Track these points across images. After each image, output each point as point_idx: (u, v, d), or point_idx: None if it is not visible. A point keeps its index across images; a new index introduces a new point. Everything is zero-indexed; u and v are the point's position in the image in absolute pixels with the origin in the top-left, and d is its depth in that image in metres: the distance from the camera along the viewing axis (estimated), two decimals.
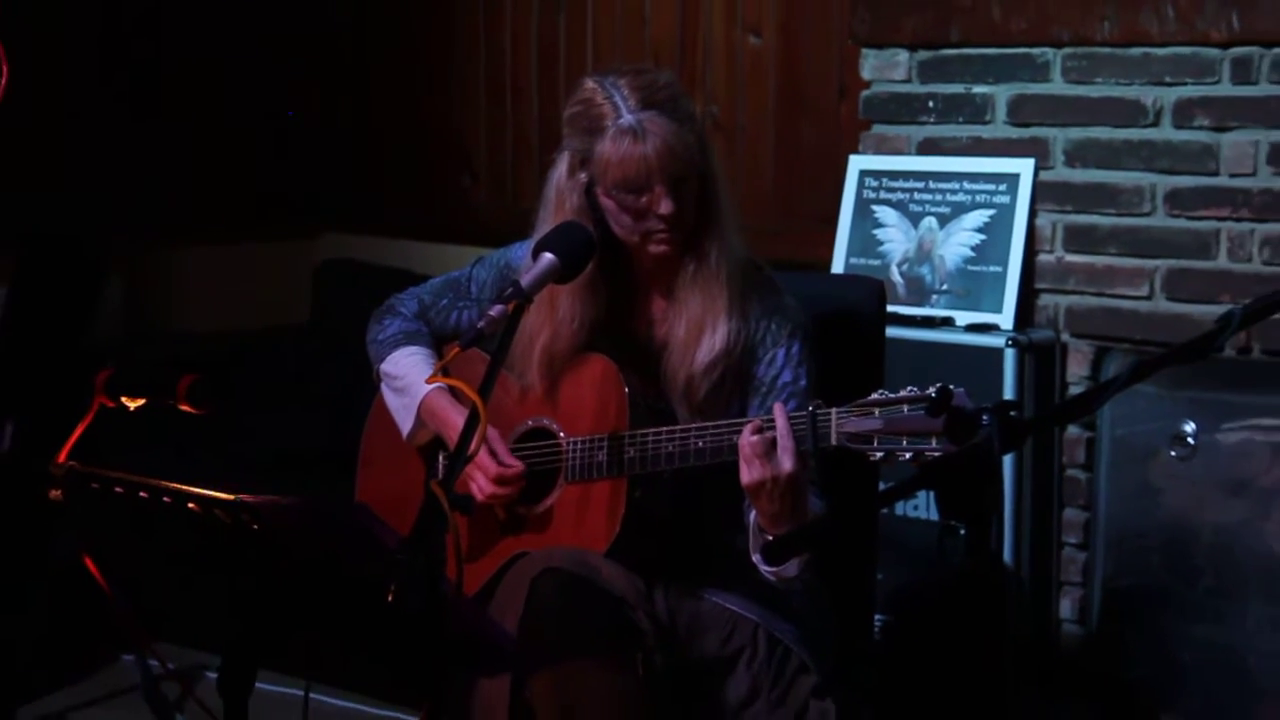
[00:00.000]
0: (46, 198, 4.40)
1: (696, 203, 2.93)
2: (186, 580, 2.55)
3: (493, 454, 2.94)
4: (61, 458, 3.13)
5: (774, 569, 2.80)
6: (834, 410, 2.67)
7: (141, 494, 2.35)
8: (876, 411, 2.64)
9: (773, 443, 2.67)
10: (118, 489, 2.39)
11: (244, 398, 4.08)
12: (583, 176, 2.93)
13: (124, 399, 3.24)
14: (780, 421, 2.68)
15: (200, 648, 4.13)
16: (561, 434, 2.99)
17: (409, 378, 3.09)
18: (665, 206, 2.86)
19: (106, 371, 3.23)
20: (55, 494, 2.44)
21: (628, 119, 2.84)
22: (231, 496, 2.30)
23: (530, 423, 3.02)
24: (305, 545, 2.36)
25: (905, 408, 2.61)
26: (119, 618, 3.70)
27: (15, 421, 3.67)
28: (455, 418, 2.96)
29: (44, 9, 3.39)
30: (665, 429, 2.88)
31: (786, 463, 2.67)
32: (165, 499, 2.34)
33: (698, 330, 2.96)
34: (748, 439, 2.71)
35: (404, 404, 3.11)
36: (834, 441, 2.66)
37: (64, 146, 4.68)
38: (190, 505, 2.33)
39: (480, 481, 2.96)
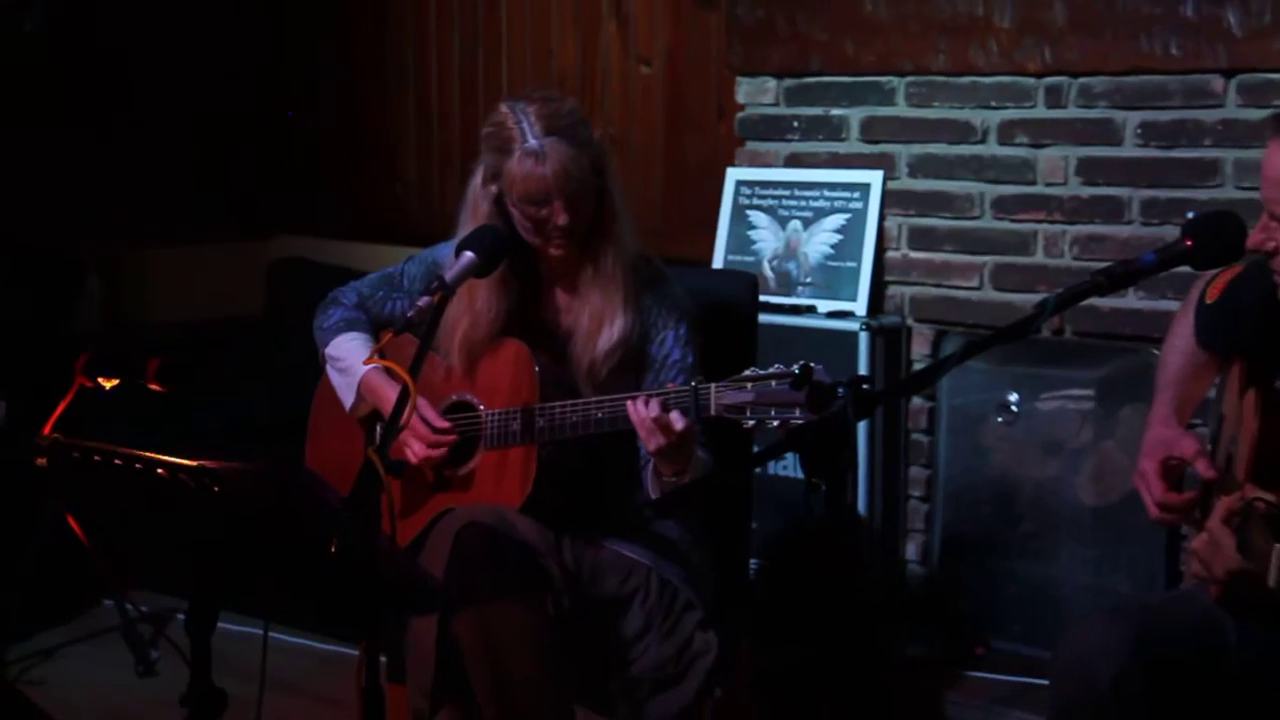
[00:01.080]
0: (32, 207, 4.35)
1: (594, 213, 2.95)
2: (157, 535, 2.53)
3: (425, 421, 2.94)
4: (46, 430, 3.12)
5: (673, 479, 2.81)
6: (713, 385, 2.68)
7: (116, 461, 2.34)
8: (749, 386, 2.66)
9: (664, 411, 2.70)
10: (96, 457, 2.37)
11: (206, 379, 4.05)
12: (494, 188, 2.94)
13: (100, 379, 3.23)
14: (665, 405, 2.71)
15: (170, 593, 4.11)
16: (481, 407, 2.98)
17: (349, 359, 3.09)
18: (562, 219, 2.89)
19: (85, 356, 3.22)
20: (41, 462, 2.42)
21: (532, 143, 2.86)
22: (195, 463, 2.29)
23: (454, 397, 3.03)
24: (260, 504, 2.35)
25: (774, 382, 2.63)
26: (98, 568, 3.70)
27: (7, 401, 3.65)
28: (390, 393, 2.96)
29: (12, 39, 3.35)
30: (570, 402, 2.88)
31: (678, 424, 2.69)
32: (137, 465, 2.33)
33: (598, 321, 2.97)
34: (641, 413, 2.73)
35: (346, 382, 3.11)
36: (713, 411, 2.68)
37: (46, 162, 4.62)
38: (159, 471, 2.32)
39: (415, 446, 2.97)
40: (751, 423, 2.66)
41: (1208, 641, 2.55)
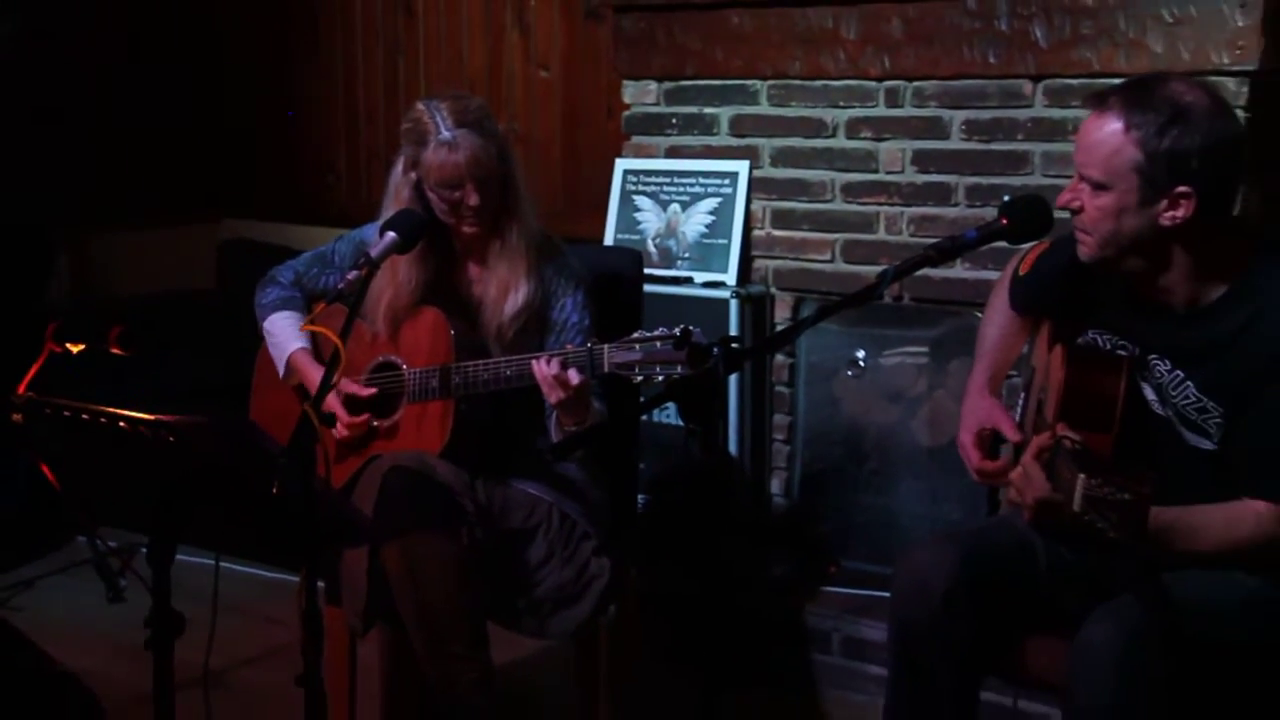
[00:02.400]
0: (6, 194, 4.27)
1: (500, 195, 2.93)
2: (121, 480, 2.51)
3: (346, 402, 2.95)
4: (21, 389, 3.07)
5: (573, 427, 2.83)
6: (606, 346, 2.70)
7: (84, 416, 2.33)
8: (637, 346, 2.67)
9: (564, 369, 2.70)
10: (66, 413, 2.34)
11: (163, 345, 4.02)
12: (413, 175, 2.93)
13: (68, 345, 3.19)
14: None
15: (134, 530, 4.01)
16: (404, 366, 2.98)
17: (280, 337, 3.09)
18: (473, 200, 2.88)
19: (54, 324, 3.17)
20: (17, 418, 2.40)
21: (446, 135, 2.85)
22: (153, 417, 2.29)
23: (381, 358, 3.03)
24: (210, 453, 2.34)
25: (658, 343, 2.64)
26: (70, 509, 3.65)
27: None
28: (313, 373, 2.98)
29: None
30: (482, 361, 2.89)
31: (575, 379, 2.70)
32: (102, 420, 2.32)
33: (504, 290, 2.97)
34: (544, 371, 2.73)
35: (278, 355, 3.10)
36: (606, 369, 2.69)
37: (18, 153, 4.53)
38: (121, 424, 2.31)
39: (339, 426, 2.97)
40: (640, 378, 2.67)
41: (1021, 558, 2.61)
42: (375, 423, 2.99)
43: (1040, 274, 2.73)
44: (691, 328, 2.56)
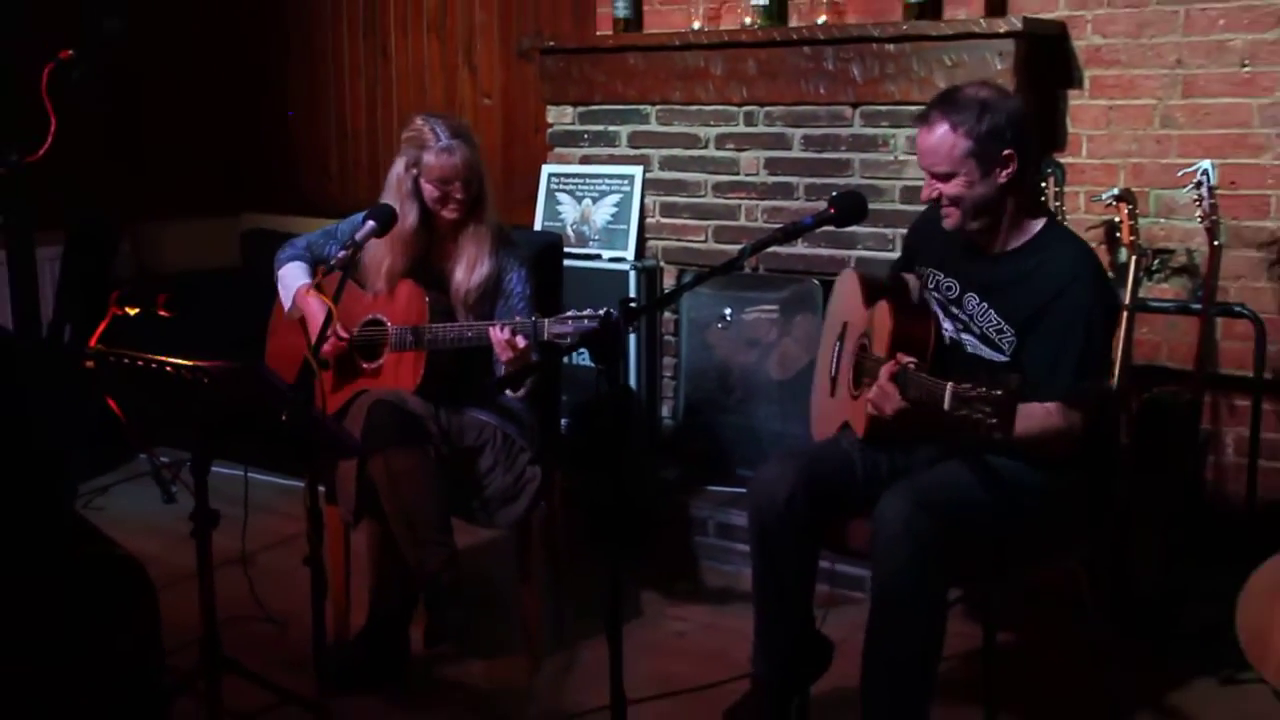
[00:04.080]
0: (84, 192, 4.19)
1: (476, 192, 2.95)
2: (169, 411, 2.52)
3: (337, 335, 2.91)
4: (92, 343, 3.05)
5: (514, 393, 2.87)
6: (546, 320, 2.70)
7: (139, 363, 2.36)
8: (569, 322, 2.68)
9: (513, 335, 2.72)
10: (125, 360, 2.38)
11: (198, 309, 3.99)
12: (414, 172, 2.92)
13: (127, 309, 3.17)
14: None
15: (180, 448, 4.03)
16: (388, 323, 2.95)
17: (290, 279, 3.07)
18: (459, 194, 2.91)
19: (116, 293, 3.16)
20: (90, 364, 2.40)
21: (445, 142, 2.87)
22: (191, 363, 2.33)
23: (371, 315, 3.00)
24: (235, 390, 2.38)
25: (585, 320, 2.65)
26: (132, 434, 3.63)
27: (71, 324, 3.55)
28: (314, 308, 2.92)
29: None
30: (450, 324, 2.88)
31: (521, 343, 2.72)
32: (154, 365, 2.35)
33: (471, 266, 2.96)
34: (498, 336, 2.74)
35: (286, 294, 3.06)
36: (545, 336, 2.71)
37: (91, 159, 4.43)
38: (168, 369, 2.34)
39: (328, 345, 2.92)
40: (568, 341, 2.67)
41: (842, 467, 2.61)
42: (364, 365, 2.97)
43: (908, 243, 2.80)
44: (612, 311, 2.52)
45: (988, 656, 2.53)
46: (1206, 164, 3.07)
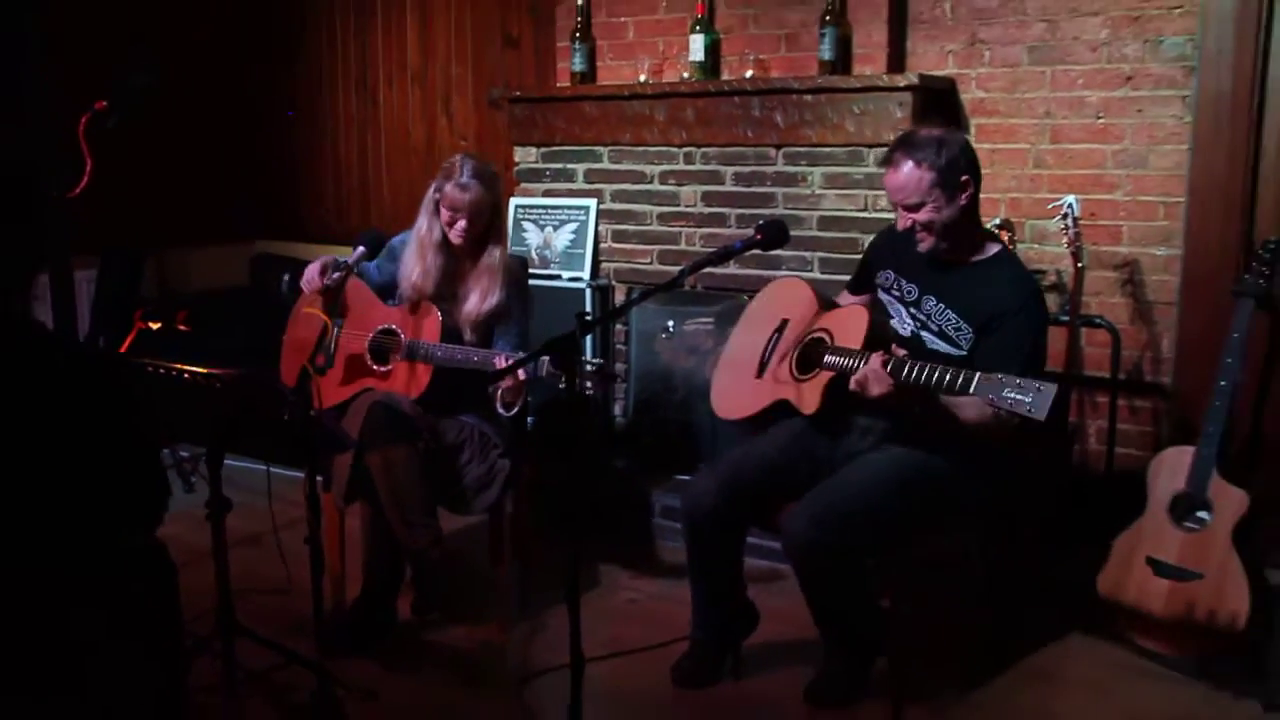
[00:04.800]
0: (114, 223, 4.18)
1: (488, 224, 2.92)
2: (188, 411, 2.54)
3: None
4: (121, 352, 3.04)
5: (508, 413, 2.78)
6: (546, 359, 2.56)
7: (161, 370, 2.37)
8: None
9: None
10: (149, 367, 2.39)
11: (212, 324, 4.00)
12: (437, 196, 2.91)
13: (150, 324, 3.17)
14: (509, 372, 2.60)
15: (197, 444, 4.01)
16: (401, 335, 2.92)
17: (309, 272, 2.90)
18: (461, 224, 2.89)
19: (141, 309, 3.15)
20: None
21: (463, 179, 2.87)
22: (205, 370, 2.34)
23: (383, 325, 2.96)
24: (244, 393, 2.39)
25: (588, 365, 2.49)
26: (156, 431, 3.61)
27: (104, 336, 3.55)
28: (314, 322, 2.79)
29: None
30: (456, 347, 2.83)
31: (521, 377, 2.65)
32: (174, 372, 2.36)
33: (484, 295, 2.92)
34: (501, 364, 2.69)
35: (303, 279, 2.91)
36: (542, 374, 2.63)
37: (121, 195, 4.42)
38: (186, 375, 2.35)
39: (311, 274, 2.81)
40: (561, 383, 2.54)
41: (762, 468, 2.61)
42: (375, 367, 2.92)
43: (867, 257, 2.78)
44: (605, 366, 2.54)
45: (893, 617, 2.58)
46: (1071, 199, 3.16)
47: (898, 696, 2.47)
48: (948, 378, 2.25)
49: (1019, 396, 2.12)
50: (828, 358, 2.54)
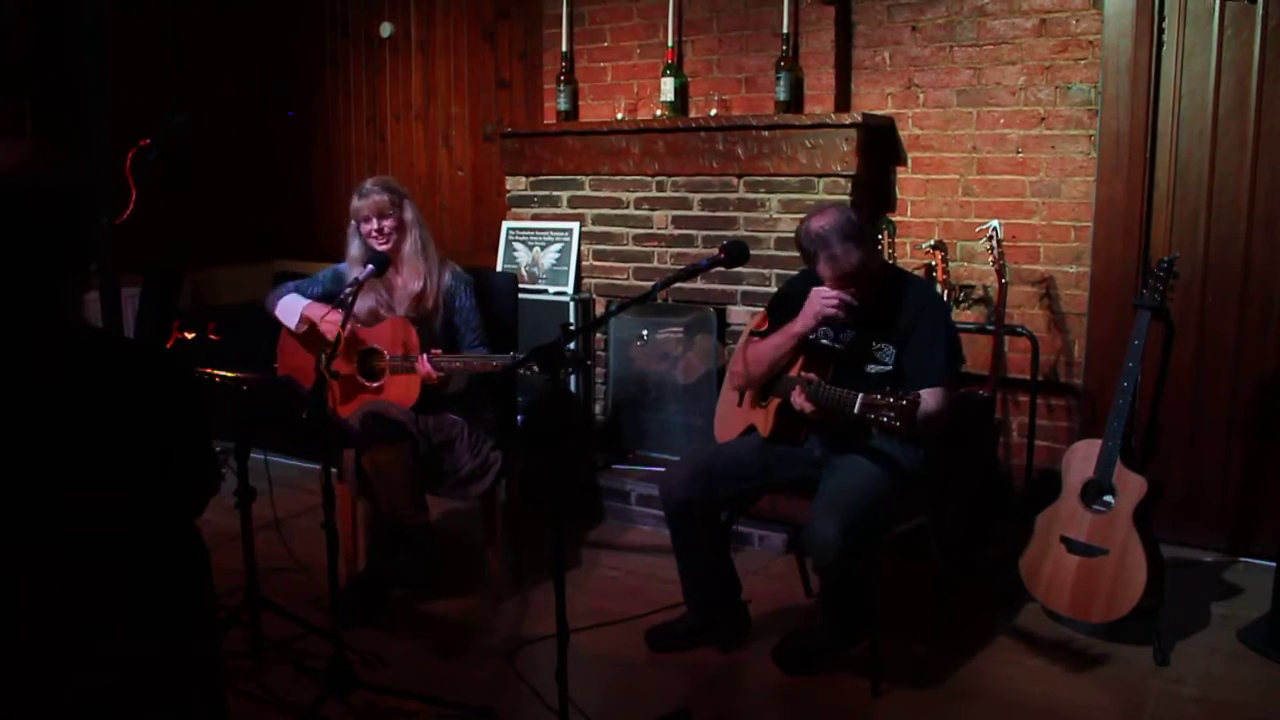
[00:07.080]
0: (155, 245, 4.15)
1: (398, 217, 2.83)
2: (218, 409, 2.54)
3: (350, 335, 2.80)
4: None
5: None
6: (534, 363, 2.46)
7: (196, 374, 2.35)
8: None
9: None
10: None
11: (238, 335, 3.99)
12: (353, 220, 2.91)
13: (185, 334, 3.18)
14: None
15: (226, 439, 3.94)
16: (385, 353, 2.86)
17: (292, 304, 2.95)
18: (380, 223, 2.84)
19: (177, 321, 3.16)
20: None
21: (365, 189, 2.85)
22: (234, 374, 2.35)
23: (366, 345, 2.91)
24: (267, 395, 2.42)
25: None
26: None
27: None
28: (316, 312, 2.82)
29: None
30: (446, 355, 2.76)
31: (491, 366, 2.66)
32: (205, 374, 2.37)
33: (411, 275, 2.86)
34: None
35: (290, 315, 2.95)
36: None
37: (161, 221, 4.36)
38: (217, 379, 2.36)
39: (328, 321, 2.80)
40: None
41: (735, 461, 2.61)
42: (368, 384, 2.89)
43: (775, 308, 2.72)
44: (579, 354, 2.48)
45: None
46: (995, 223, 3.21)
47: (875, 668, 2.48)
48: (845, 397, 2.29)
49: (887, 417, 2.17)
50: (778, 386, 2.59)
